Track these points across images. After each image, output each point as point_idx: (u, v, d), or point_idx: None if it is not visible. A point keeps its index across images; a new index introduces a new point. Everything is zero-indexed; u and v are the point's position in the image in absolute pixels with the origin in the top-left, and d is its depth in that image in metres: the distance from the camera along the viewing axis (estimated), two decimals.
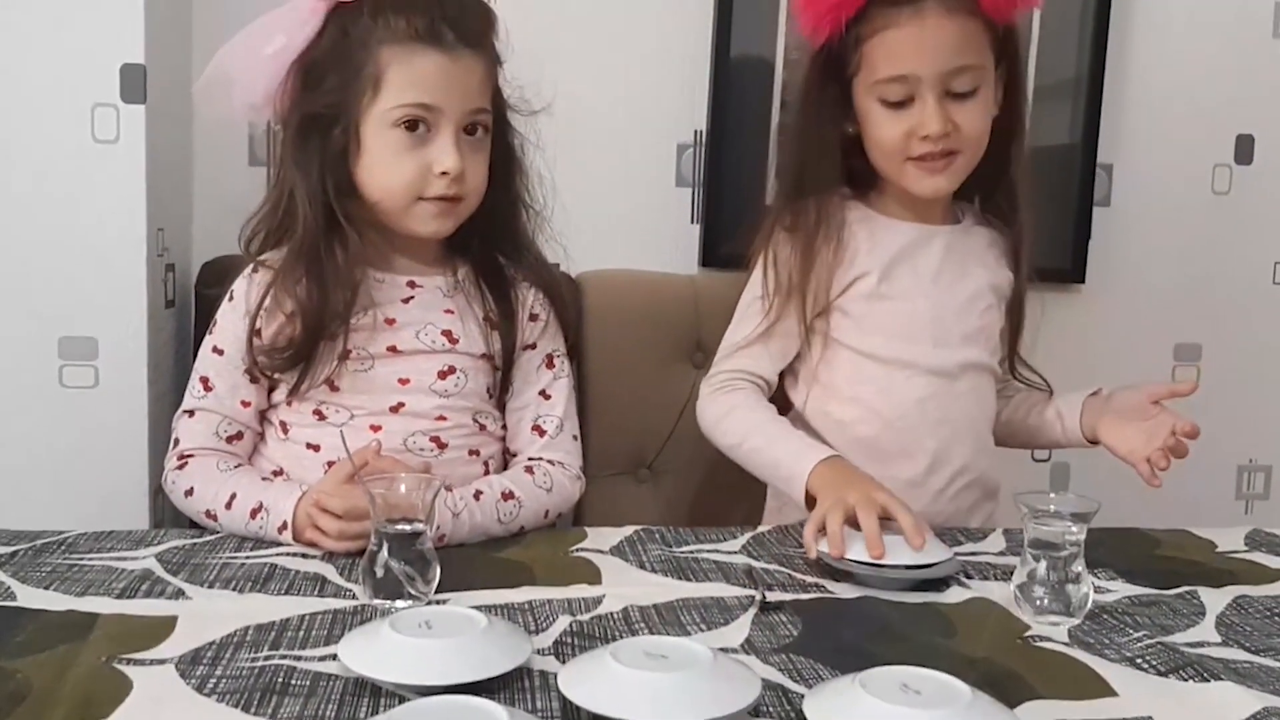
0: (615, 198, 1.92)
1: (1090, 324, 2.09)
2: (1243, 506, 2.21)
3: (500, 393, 1.44)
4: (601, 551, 1.27)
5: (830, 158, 1.49)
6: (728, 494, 1.73)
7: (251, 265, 1.36)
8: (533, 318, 1.46)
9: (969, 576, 1.21)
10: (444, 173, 1.30)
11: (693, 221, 1.96)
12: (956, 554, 1.27)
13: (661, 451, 1.80)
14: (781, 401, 1.54)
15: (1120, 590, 1.18)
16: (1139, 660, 0.99)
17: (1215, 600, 1.16)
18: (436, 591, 1.09)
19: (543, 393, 1.45)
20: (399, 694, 0.85)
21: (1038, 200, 1.56)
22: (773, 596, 1.12)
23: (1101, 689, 0.93)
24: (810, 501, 1.31)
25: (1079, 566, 1.09)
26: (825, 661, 0.96)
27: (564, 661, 0.94)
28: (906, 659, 0.89)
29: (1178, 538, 1.41)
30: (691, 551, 1.28)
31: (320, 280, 1.30)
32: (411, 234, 1.36)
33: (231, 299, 1.37)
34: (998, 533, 1.40)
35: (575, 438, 1.46)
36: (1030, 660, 0.98)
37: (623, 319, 1.79)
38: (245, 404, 1.37)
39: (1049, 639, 1.03)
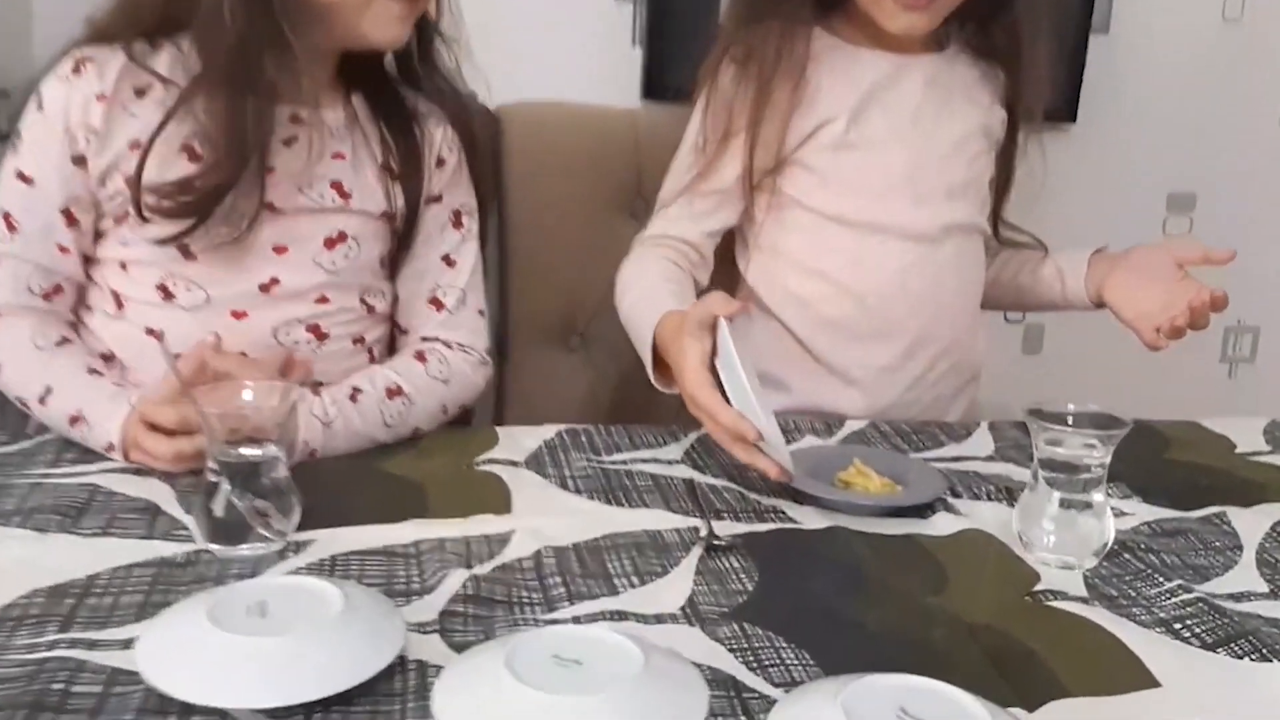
0: (541, 14, 1.62)
1: (1078, 168, 1.85)
2: (1226, 369, 2.04)
3: (395, 259, 1.17)
4: (514, 463, 1.04)
5: None
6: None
7: (73, 61, 1.03)
8: (439, 163, 1.18)
9: (956, 495, 1.00)
10: None
11: (634, 44, 1.67)
12: (938, 463, 1.06)
13: (595, 317, 1.55)
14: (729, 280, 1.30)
15: (1137, 513, 0.99)
16: (1178, 626, 0.79)
17: (1249, 527, 0.97)
18: (299, 529, 0.86)
19: (446, 258, 1.19)
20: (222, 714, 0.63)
21: (1045, 27, 1.29)
22: (722, 529, 0.91)
23: (1138, 675, 0.73)
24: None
25: (1099, 495, 0.88)
26: (788, 636, 0.75)
27: (451, 641, 0.72)
28: (890, 627, 0.70)
29: (1188, 433, 1.21)
30: (624, 462, 1.05)
31: (240, 101, 1.00)
32: (359, 43, 1.08)
33: (41, 108, 1.04)
34: (983, 429, 1.19)
35: (481, 313, 1.21)
36: (1044, 629, 0.78)
37: (551, 161, 1.54)
38: (64, 249, 1.06)
39: (1063, 594, 0.83)
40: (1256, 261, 1.96)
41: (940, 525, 0.94)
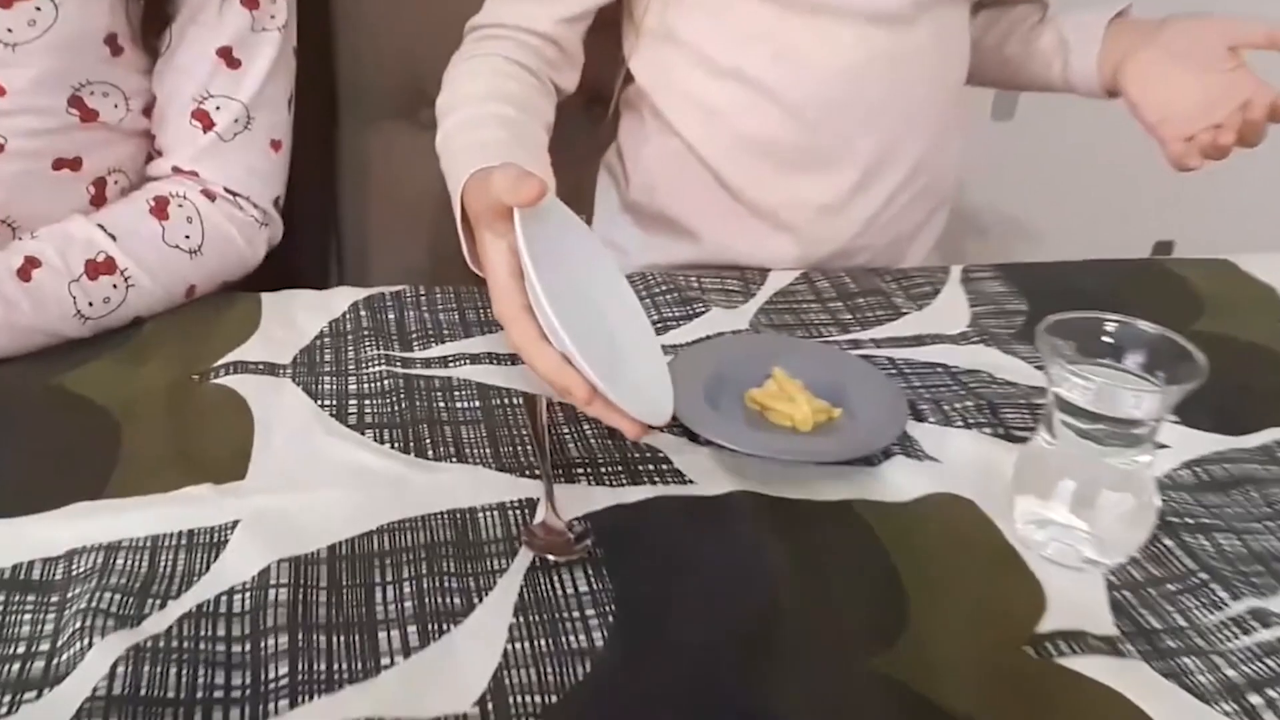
0: None
1: None
2: None
3: (149, 36, 0.77)
4: (275, 369, 0.70)
5: None
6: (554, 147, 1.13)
7: None
8: None
9: (919, 416, 0.69)
10: None
11: None
12: (892, 352, 0.75)
13: None
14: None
15: (1171, 444, 0.69)
16: (1255, 697, 0.51)
17: None
18: None
19: (225, 53, 0.78)
20: None
21: None
22: (571, 499, 0.59)
23: None
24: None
25: (1144, 457, 0.57)
26: None
27: None
28: None
29: (1221, 282, 0.90)
30: (443, 361, 0.72)
31: None
32: None
33: None
34: (954, 284, 0.87)
35: (276, 146, 0.82)
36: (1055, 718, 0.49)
37: None
38: None
39: (1079, 637, 0.54)
40: None
41: (895, 481, 0.64)
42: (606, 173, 0.99)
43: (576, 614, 0.53)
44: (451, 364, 0.72)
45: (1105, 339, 0.58)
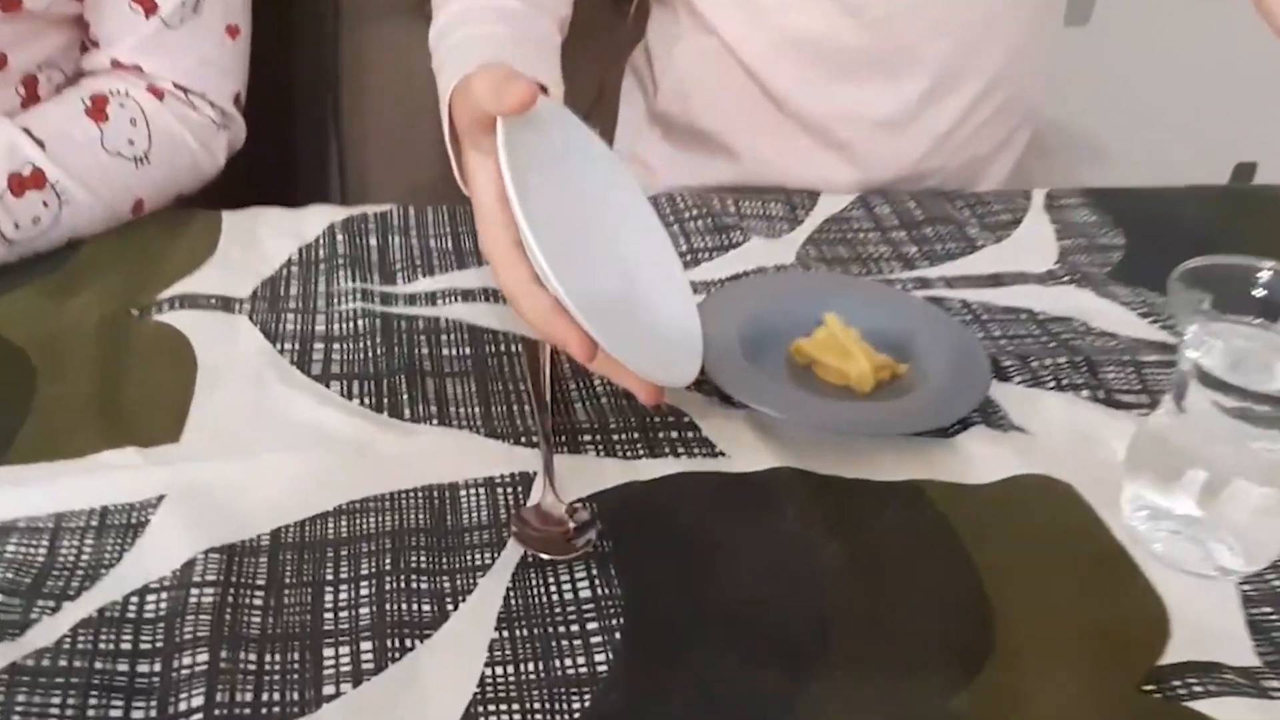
0: None
1: None
2: None
3: None
4: (231, 304, 0.59)
5: None
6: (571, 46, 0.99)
7: None
8: None
9: (1002, 377, 0.57)
10: None
11: None
12: (966, 293, 0.62)
13: None
14: None
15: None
16: None
17: None
18: None
19: None
20: None
21: None
22: (574, 473, 0.48)
23: None
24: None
25: None
26: None
27: None
28: None
29: None
30: (427, 298, 0.60)
31: None
32: None
33: None
34: (1037, 211, 0.74)
35: (233, 33, 0.69)
36: None
37: None
38: None
39: (1215, 671, 0.42)
40: None
41: (975, 458, 0.52)
42: (632, 76, 0.85)
43: (575, 628, 0.42)
44: (440, 301, 0.60)
45: (1256, 291, 0.46)
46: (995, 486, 0.50)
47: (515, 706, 0.39)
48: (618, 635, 0.42)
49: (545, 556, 0.44)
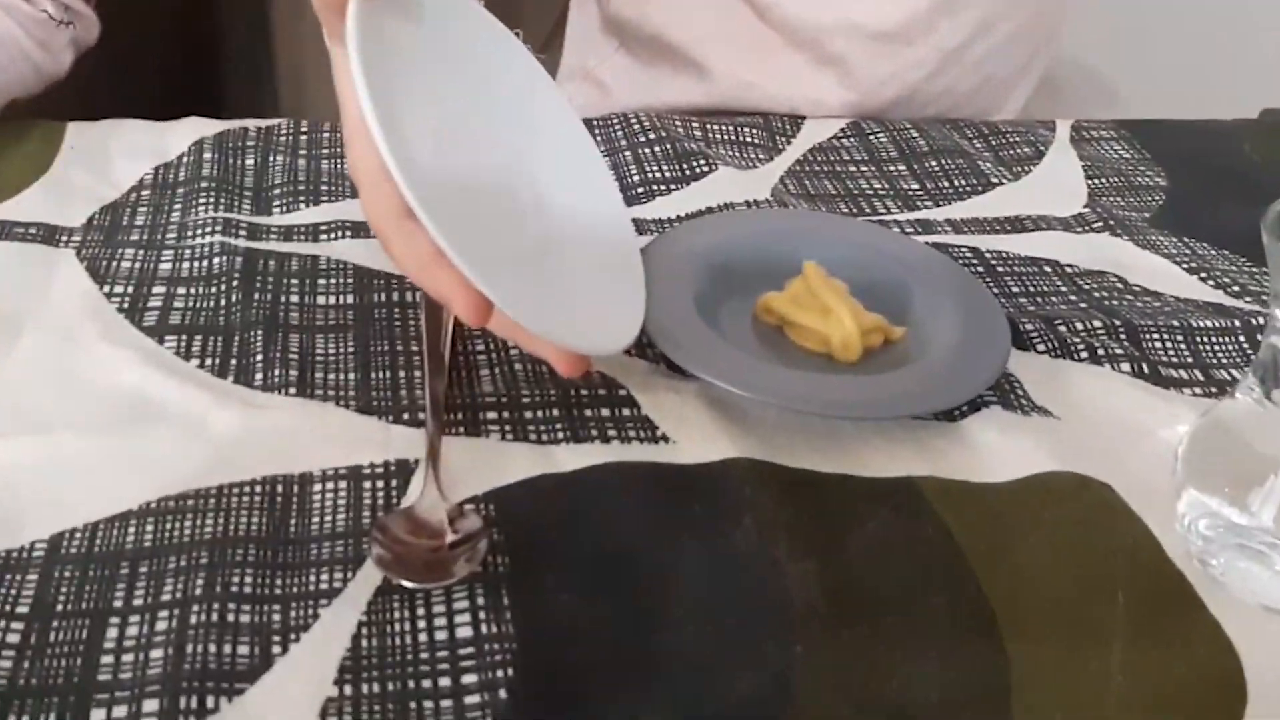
0: None
1: None
2: None
3: None
4: (56, 235, 0.47)
5: None
6: None
7: None
8: None
9: (1021, 344, 0.45)
10: None
11: None
12: (977, 239, 0.51)
13: None
14: None
15: None
16: None
17: None
18: None
19: None
20: None
21: None
22: (464, 464, 0.37)
23: None
24: None
25: None
26: None
27: None
28: None
29: None
30: (302, 232, 0.48)
31: None
32: None
33: None
34: (1061, 143, 0.62)
35: None
36: None
37: None
38: None
39: None
40: None
41: (988, 448, 0.40)
42: None
43: (446, 682, 0.31)
44: (324, 236, 0.48)
45: None
46: (1013, 487, 0.39)
47: None
48: (502, 693, 0.31)
49: (408, 584, 0.33)
